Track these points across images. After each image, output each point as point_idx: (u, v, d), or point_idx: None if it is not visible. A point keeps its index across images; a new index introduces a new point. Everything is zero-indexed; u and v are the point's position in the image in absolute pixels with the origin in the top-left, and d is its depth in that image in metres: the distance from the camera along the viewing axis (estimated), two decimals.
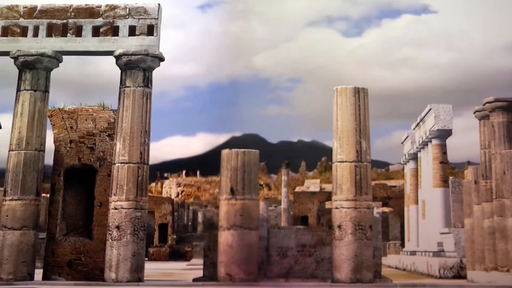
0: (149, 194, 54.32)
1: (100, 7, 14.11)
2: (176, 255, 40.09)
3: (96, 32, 14.01)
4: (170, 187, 61.05)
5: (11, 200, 13.32)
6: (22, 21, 14.16)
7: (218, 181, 54.90)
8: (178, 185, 60.78)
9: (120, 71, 13.97)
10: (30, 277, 13.14)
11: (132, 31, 13.95)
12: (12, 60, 14.09)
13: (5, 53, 14.12)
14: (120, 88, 13.86)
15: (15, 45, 14.03)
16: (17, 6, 14.24)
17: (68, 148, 14.64)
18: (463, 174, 28.07)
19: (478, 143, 16.35)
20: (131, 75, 13.76)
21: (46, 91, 13.98)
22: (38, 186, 13.51)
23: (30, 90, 13.82)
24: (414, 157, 29.65)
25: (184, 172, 63.48)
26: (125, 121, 13.50)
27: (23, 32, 14.12)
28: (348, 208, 12.99)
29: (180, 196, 58.61)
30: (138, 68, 13.75)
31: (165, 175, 63.73)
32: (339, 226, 12.99)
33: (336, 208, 13.19)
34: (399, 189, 51.12)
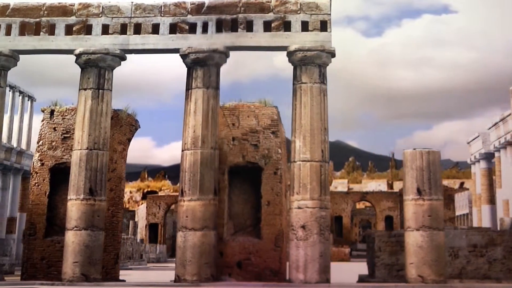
0: None
1: (271, 2, 13.79)
2: None
3: (267, 27, 13.71)
4: None
5: (190, 200, 12.96)
6: (190, 18, 13.82)
7: None
8: None
9: (293, 66, 13.71)
10: (213, 278, 12.80)
11: (304, 27, 13.66)
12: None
13: (174, 51, 13.78)
14: (294, 84, 13.58)
15: (184, 42, 13.69)
16: (184, 3, 13.89)
17: (231, 146, 14.30)
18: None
19: None
20: (306, 71, 13.47)
21: (217, 88, 13.64)
22: (215, 186, 13.17)
23: (203, 87, 13.46)
24: (487, 157, 29.71)
25: None
26: (303, 118, 13.22)
27: (191, 28, 13.77)
28: None
29: None
30: (314, 64, 13.46)
31: None
32: None
33: None
34: None
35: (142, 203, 54.95)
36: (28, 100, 31.68)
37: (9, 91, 29.72)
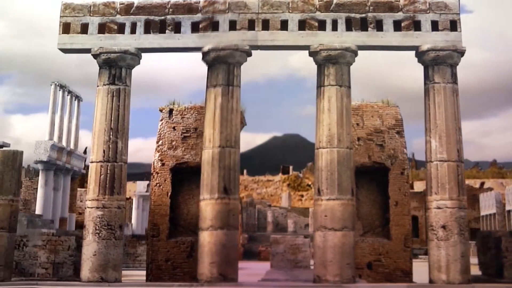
0: None
1: (399, 1, 13.70)
2: (249, 254, 39.80)
3: (397, 26, 13.59)
4: None
5: (328, 199, 12.82)
6: (319, 15, 13.66)
7: (265, 180, 54.55)
8: None
9: (423, 66, 13.65)
10: (354, 279, 12.66)
11: (434, 26, 13.57)
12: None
13: (304, 47, 13.62)
14: (426, 83, 13.52)
15: (314, 39, 13.53)
16: None
17: (356, 146, 14.21)
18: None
19: None
20: (438, 71, 13.41)
21: (349, 86, 13.50)
22: (352, 185, 13.03)
23: (336, 85, 13.32)
24: None
25: None
26: (438, 118, 13.15)
27: (320, 25, 13.62)
28: None
29: None
30: (446, 64, 13.41)
31: None
32: None
33: None
34: None
35: None
36: (75, 100, 31.34)
37: (59, 90, 29.43)
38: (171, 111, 14.61)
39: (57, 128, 28.97)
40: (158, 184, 14.18)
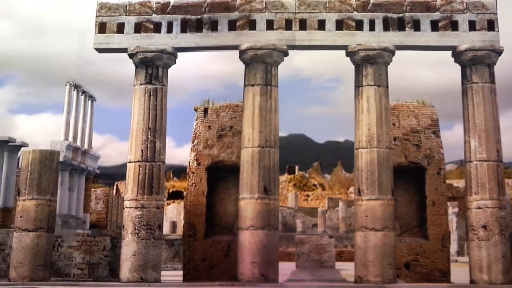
0: None
1: (436, 0, 13.69)
2: None
3: (434, 26, 13.57)
4: None
5: (368, 200, 12.80)
6: (356, 15, 13.64)
7: None
8: None
9: (460, 66, 13.65)
10: (395, 280, 12.64)
11: (472, 26, 13.57)
12: None
13: (342, 47, 13.60)
14: (464, 83, 13.51)
15: (352, 39, 13.50)
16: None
17: (392, 146, 14.16)
18: None
19: None
20: (476, 70, 13.40)
21: (387, 86, 13.48)
22: (392, 185, 13.01)
23: (374, 85, 13.31)
24: None
25: None
26: (477, 117, 13.14)
27: (358, 25, 13.59)
28: None
29: None
30: (483, 63, 13.40)
31: None
32: None
33: None
34: (463, 189, 51.33)
35: (169, 203, 54.54)
36: (89, 100, 31.24)
37: (74, 90, 29.34)
38: (206, 110, 14.57)
39: (71, 128, 28.87)
40: (194, 184, 14.13)
